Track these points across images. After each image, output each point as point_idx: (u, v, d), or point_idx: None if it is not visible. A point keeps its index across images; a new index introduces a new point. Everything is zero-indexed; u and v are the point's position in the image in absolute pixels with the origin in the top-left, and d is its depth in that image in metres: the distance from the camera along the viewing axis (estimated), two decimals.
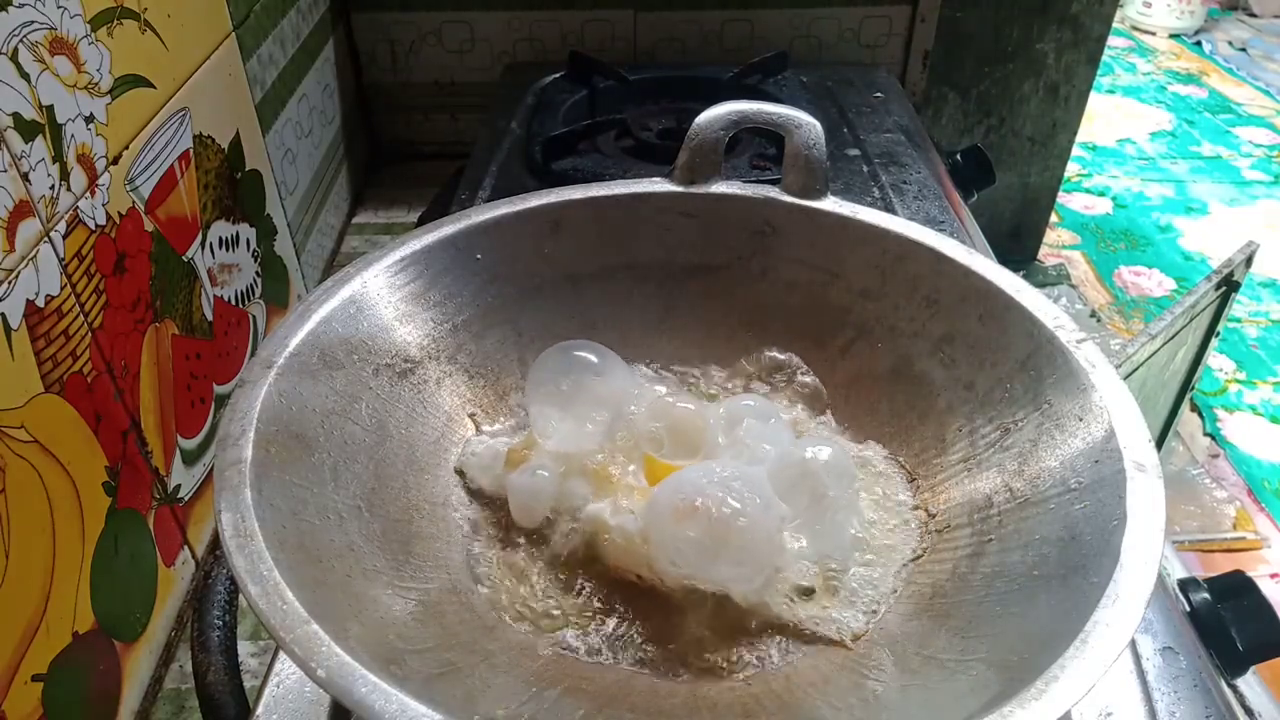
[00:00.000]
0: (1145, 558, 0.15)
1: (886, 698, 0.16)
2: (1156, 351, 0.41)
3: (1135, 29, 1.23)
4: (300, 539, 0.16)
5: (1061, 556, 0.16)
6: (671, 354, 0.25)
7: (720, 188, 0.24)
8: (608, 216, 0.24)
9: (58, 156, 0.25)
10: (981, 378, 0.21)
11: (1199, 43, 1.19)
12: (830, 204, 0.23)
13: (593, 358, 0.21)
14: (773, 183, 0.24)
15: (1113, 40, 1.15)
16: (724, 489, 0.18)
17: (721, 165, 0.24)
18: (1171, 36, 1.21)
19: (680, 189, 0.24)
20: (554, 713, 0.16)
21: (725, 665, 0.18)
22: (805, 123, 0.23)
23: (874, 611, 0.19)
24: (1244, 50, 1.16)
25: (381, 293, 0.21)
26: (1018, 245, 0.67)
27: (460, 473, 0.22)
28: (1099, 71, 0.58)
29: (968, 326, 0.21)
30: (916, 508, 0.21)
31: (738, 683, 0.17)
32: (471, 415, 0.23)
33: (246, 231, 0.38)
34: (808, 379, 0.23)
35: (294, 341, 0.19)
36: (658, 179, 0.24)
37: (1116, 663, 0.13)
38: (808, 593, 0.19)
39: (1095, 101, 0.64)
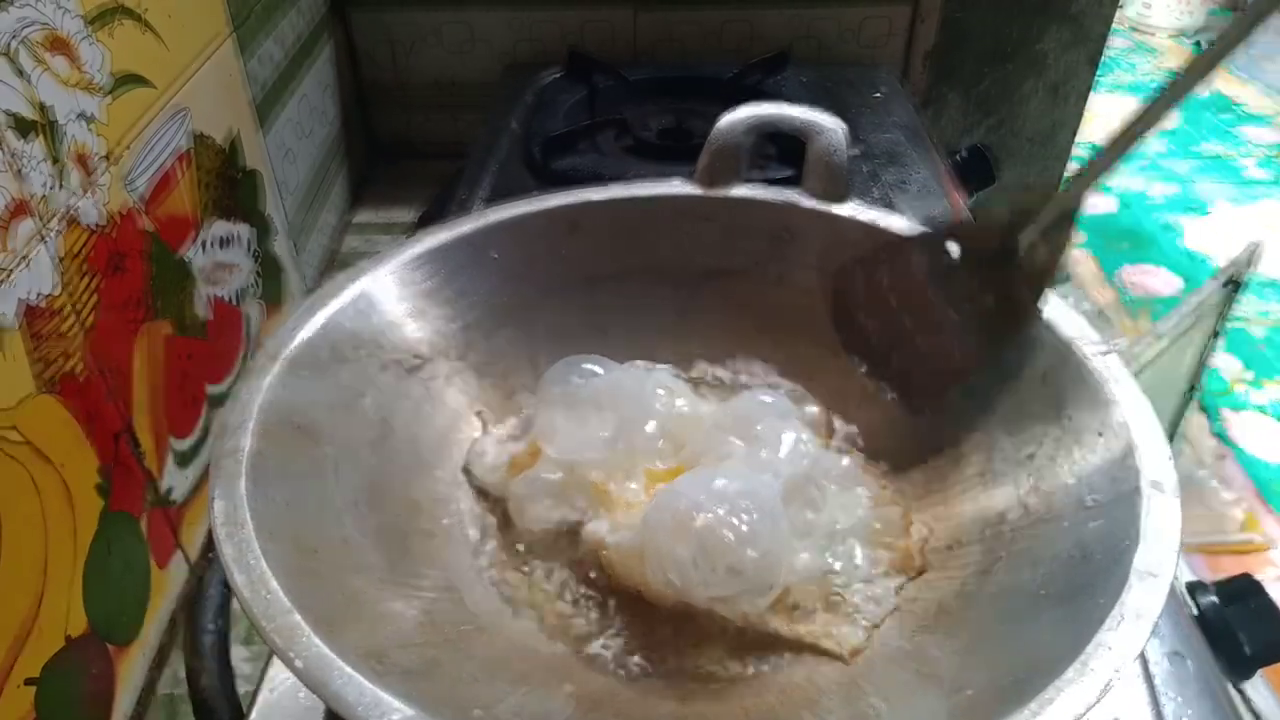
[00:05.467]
0: (1155, 580, 0.14)
1: (881, 716, 0.16)
2: (1163, 351, 0.41)
3: (1136, 29, 1.23)
4: (294, 530, 0.16)
5: (1071, 576, 0.16)
6: (686, 358, 0.24)
7: (740, 191, 0.24)
8: (626, 218, 0.24)
9: (55, 156, 0.25)
10: (1001, 390, 0.20)
11: (1199, 42, 1.19)
12: (851, 209, 0.23)
13: (599, 370, 0.21)
14: (786, 182, 0.24)
15: (1113, 40, 1.14)
16: (728, 507, 0.17)
17: (742, 168, 0.24)
18: (1172, 36, 1.21)
19: (700, 192, 0.24)
20: (535, 715, 0.15)
21: (718, 676, 0.18)
22: (828, 127, 0.23)
23: (874, 627, 0.18)
24: (1246, 49, 1.16)
25: (394, 288, 0.21)
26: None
27: (467, 471, 0.21)
28: (1100, 71, 0.58)
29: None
30: (921, 524, 0.21)
31: (730, 695, 0.17)
32: (479, 414, 0.23)
33: (245, 231, 0.38)
34: (814, 408, 0.23)
35: (302, 334, 0.19)
36: (677, 180, 0.24)
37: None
38: (808, 609, 0.19)
39: (1096, 101, 0.63)
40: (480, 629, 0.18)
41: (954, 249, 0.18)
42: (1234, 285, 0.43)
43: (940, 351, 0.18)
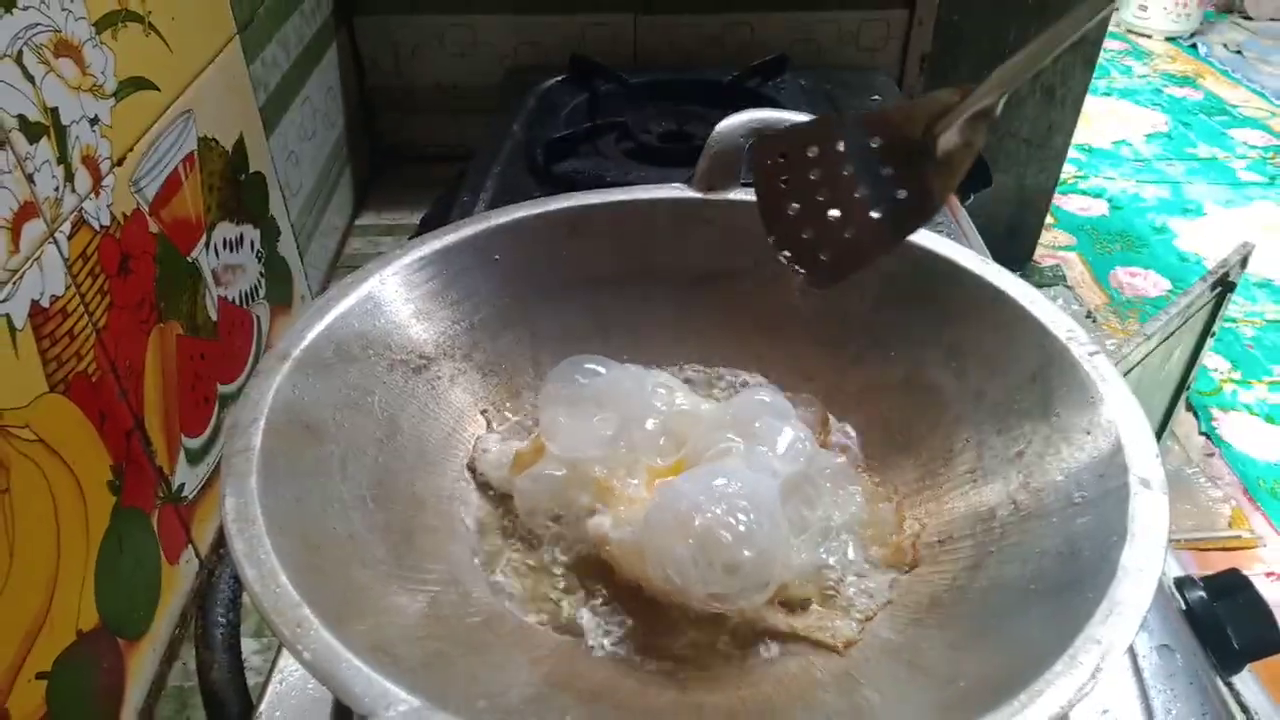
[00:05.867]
0: (1143, 575, 0.14)
1: (874, 706, 0.16)
2: (1152, 352, 0.42)
3: (1131, 32, 1.24)
4: (302, 526, 0.16)
5: (1059, 571, 0.16)
6: (685, 358, 0.25)
7: (739, 195, 0.24)
8: (626, 221, 0.24)
9: (62, 158, 0.25)
10: (992, 389, 0.21)
11: (1194, 45, 1.19)
12: None
13: (601, 369, 0.21)
14: None
15: (1109, 43, 1.15)
16: (726, 506, 0.17)
17: (740, 172, 0.24)
18: (1167, 39, 1.21)
19: (699, 195, 0.24)
20: (538, 707, 0.16)
21: (716, 668, 0.18)
22: None
23: (868, 620, 0.19)
24: (1239, 53, 1.17)
25: (399, 290, 0.22)
26: (1014, 246, 0.67)
27: (472, 469, 0.22)
28: (1095, 74, 0.59)
29: (980, 337, 0.21)
30: (913, 519, 0.21)
31: (727, 686, 0.18)
32: (484, 413, 0.23)
33: (250, 233, 0.38)
34: (811, 407, 0.23)
35: (311, 335, 0.19)
36: (677, 185, 0.25)
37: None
38: (803, 603, 0.19)
39: (1091, 104, 0.64)
40: (485, 622, 0.18)
41: (875, 137, 0.18)
42: (1224, 287, 0.43)
43: (849, 230, 0.19)
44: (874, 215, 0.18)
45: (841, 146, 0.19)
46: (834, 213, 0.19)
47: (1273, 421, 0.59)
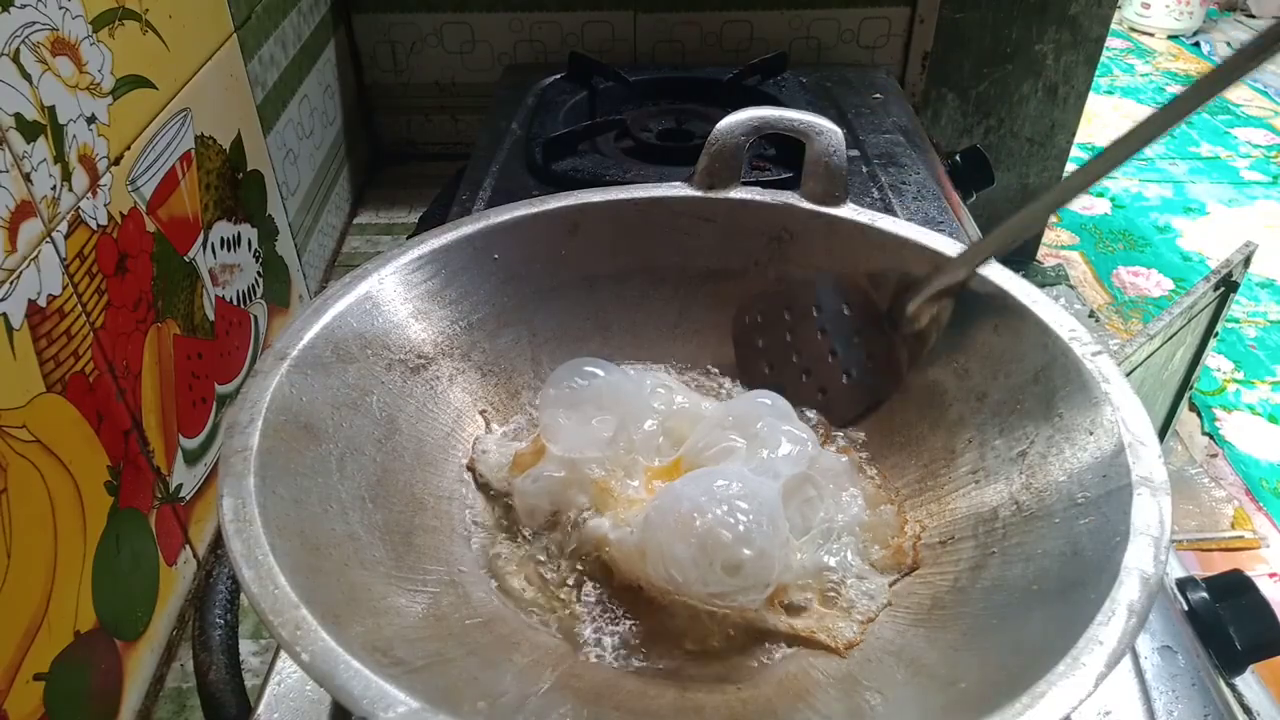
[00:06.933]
0: (1145, 576, 0.14)
1: (875, 708, 0.16)
2: (1155, 351, 0.41)
3: (1133, 30, 1.23)
4: (300, 526, 0.16)
5: (1062, 571, 0.16)
6: (685, 357, 0.25)
7: (739, 193, 0.24)
8: (626, 220, 0.24)
9: (59, 157, 0.25)
10: (994, 389, 0.20)
11: (1197, 44, 1.19)
12: (849, 211, 0.23)
13: (600, 371, 0.21)
14: (784, 185, 0.24)
15: (1111, 41, 1.15)
16: (727, 507, 0.17)
17: (741, 171, 0.24)
18: (1170, 38, 1.21)
19: (700, 194, 0.24)
20: (539, 709, 0.16)
21: (716, 669, 0.18)
22: (826, 129, 0.23)
23: (869, 621, 0.19)
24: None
25: (398, 289, 0.22)
26: (1016, 246, 0.66)
27: (471, 469, 0.22)
28: (1097, 72, 0.58)
29: (983, 336, 0.21)
30: (915, 521, 0.21)
31: (728, 687, 0.18)
32: (483, 412, 0.23)
33: (248, 232, 0.38)
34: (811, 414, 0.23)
35: (308, 334, 0.19)
36: (677, 183, 0.25)
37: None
38: (804, 604, 0.19)
39: (1094, 102, 0.64)
40: (484, 623, 0.18)
41: (846, 303, 0.19)
42: (1227, 286, 0.43)
43: (820, 394, 0.19)
44: (844, 380, 0.19)
45: (814, 311, 0.19)
46: (809, 378, 0.19)
47: (1275, 421, 0.59)
